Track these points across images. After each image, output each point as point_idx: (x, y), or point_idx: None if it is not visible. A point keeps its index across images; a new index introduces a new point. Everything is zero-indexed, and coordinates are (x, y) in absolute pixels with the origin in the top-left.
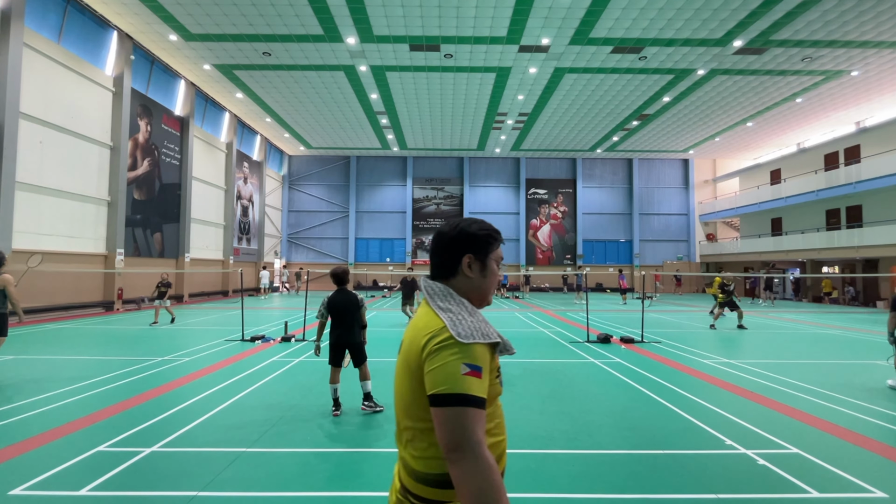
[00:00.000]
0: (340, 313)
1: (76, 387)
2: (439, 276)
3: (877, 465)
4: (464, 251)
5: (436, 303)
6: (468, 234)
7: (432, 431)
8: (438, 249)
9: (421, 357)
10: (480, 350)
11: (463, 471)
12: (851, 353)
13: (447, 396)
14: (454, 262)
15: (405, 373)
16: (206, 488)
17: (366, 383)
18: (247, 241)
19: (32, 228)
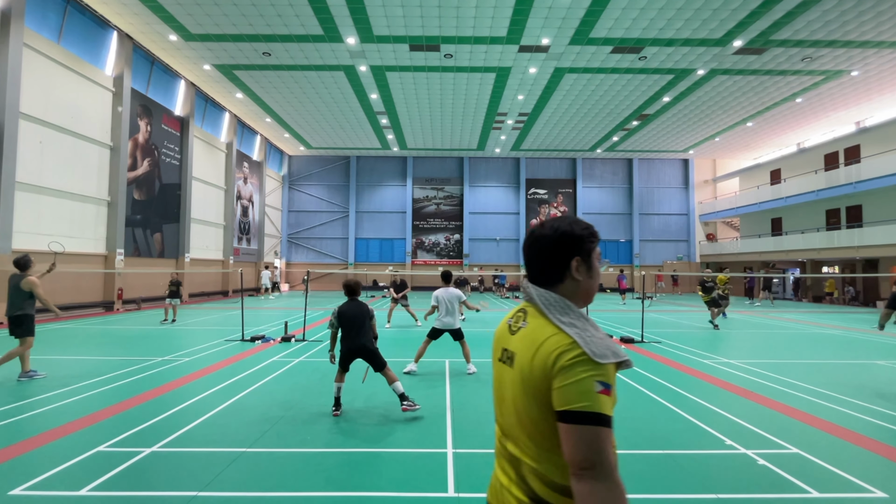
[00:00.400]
0: (351, 323)
1: (76, 387)
2: (545, 283)
3: (877, 465)
4: (571, 254)
5: (556, 316)
6: (573, 236)
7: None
8: (540, 254)
9: (549, 372)
10: (611, 369)
11: (593, 490)
12: (851, 353)
13: (582, 415)
14: (561, 266)
15: (525, 391)
16: (206, 488)
17: (396, 385)
18: (247, 241)
19: (32, 228)
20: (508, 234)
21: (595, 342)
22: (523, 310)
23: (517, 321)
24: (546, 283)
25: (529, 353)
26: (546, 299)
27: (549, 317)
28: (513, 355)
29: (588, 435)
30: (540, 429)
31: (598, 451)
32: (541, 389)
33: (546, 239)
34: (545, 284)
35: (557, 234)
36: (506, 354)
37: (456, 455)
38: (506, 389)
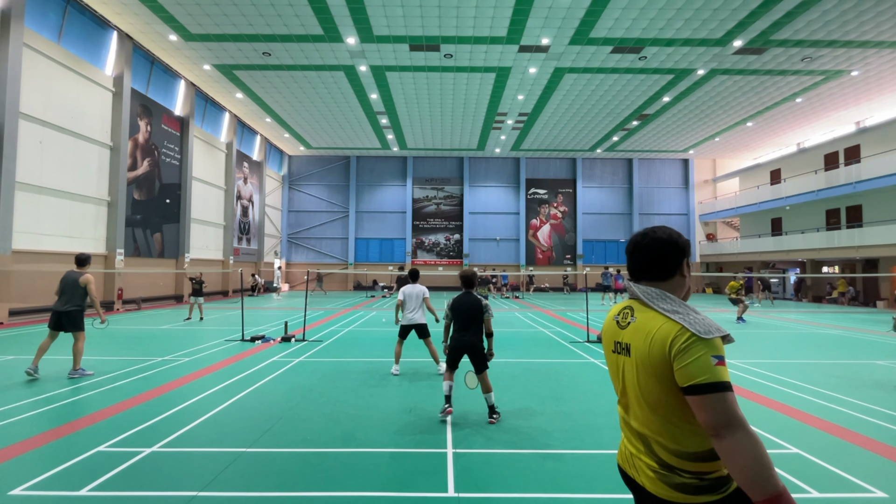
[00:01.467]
0: (462, 317)
1: (76, 387)
2: (654, 279)
3: (877, 465)
4: (683, 256)
5: (660, 306)
6: (684, 242)
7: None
8: (657, 256)
9: (668, 357)
10: (719, 342)
11: (736, 442)
12: (851, 352)
13: (707, 385)
14: (674, 266)
15: (646, 374)
16: (206, 488)
17: (489, 396)
18: (247, 241)
19: (32, 228)
20: (508, 234)
21: (699, 322)
22: (629, 307)
23: (625, 317)
24: (656, 279)
25: (645, 343)
26: (648, 293)
27: (654, 308)
28: (628, 346)
29: (717, 401)
30: (663, 405)
31: (727, 412)
32: (663, 372)
33: (664, 243)
34: (654, 281)
35: (673, 240)
36: (619, 346)
37: (456, 455)
38: (625, 375)
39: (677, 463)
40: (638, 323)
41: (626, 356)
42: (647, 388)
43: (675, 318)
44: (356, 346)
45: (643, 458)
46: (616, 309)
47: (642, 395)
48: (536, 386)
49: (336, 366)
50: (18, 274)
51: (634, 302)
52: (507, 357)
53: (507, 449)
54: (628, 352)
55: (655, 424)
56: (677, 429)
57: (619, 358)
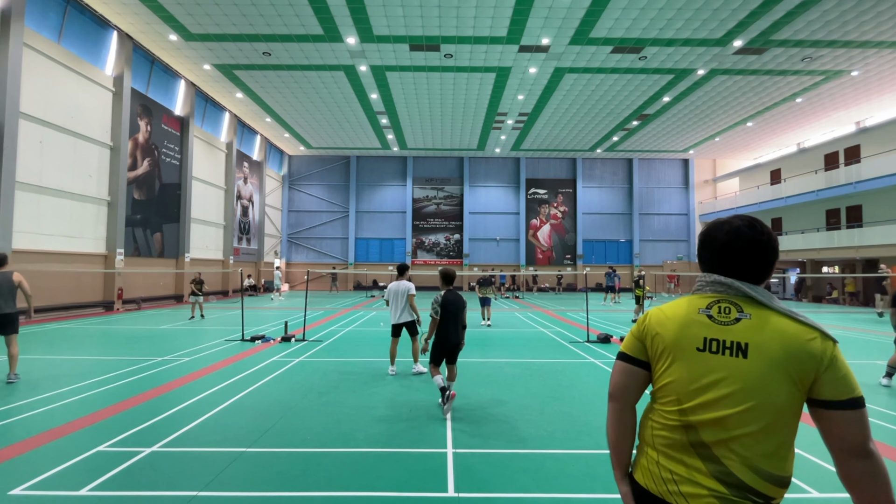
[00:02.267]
0: (453, 315)
1: (76, 387)
2: (753, 279)
3: None
4: (777, 257)
5: (777, 305)
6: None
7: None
8: (766, 254)
9: (819, 364)
10: None
11: (875, 465)
12: (851, 352)
13: (859, 400)
14: (771, 267)
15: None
16: (206, 488)
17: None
18: (247, 240)
19: (32, 228)
20: (508, 234)
21: (821, 325)
22: (729, 302)
23: (725, 312)
24: (754, 279)
25: (779, 344)
26: (762, 292)
27: (772, 306)
28: (744, 346)
29: (863, 417)
30: (785, 418)
31: (869, 432)
32: (802, 379)
33: (771, 244)
34: (750, 280)
35: (775, 241)
36: (719, 345)
37: (456, 455)
38: (732, 383)
39: (763, 487)
40: (757, 321)
41: (735, 357)
42: (776, 394)
43: (804, 320)
44: (356, 346)
45: (701, 481)
46: (695, 302)
47: (766, 404)
48: (536, 386)
49: (336, 366)
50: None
51: (735, 298)
52: (508, 357)
53: (508, 449)
54: (743, 352)
55: (762, 443)
56: (786, 449)
57: (714, 360)
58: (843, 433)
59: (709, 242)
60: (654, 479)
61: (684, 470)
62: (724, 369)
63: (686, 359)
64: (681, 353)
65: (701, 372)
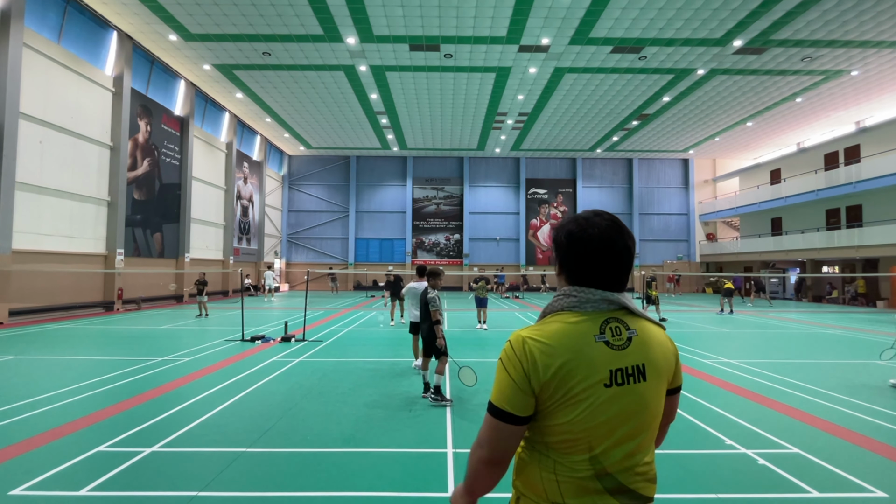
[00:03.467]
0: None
1: (76, 387)
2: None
3: (877, 464)
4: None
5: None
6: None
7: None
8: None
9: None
10: None
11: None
12: (851, 352)
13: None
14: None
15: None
16: (206, 488)
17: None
18: (247, 241)
19: (32, 228)
20: (508, 234)
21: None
22: (616, 321)
23: (616, 333)
24: (621, 288)
25: (661, 355)
26: (629, 301)
27: (642, 315)
28: (641, 367)
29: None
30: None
31: None
32: (668, 379)
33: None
34: (620, 289)
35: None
36: (623, 374)
37: (456, 455)
38: (642, 409)
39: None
40: (643, 337)
41: (637, 383)
42: (661, 402)
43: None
44: (356, 346)
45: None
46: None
47: (656, 415)
48: None
49: (336, 366)
50: (18, 274)
51: (617, 314)
52: None
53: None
54: (643, 375)
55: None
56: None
57: (623, 391)
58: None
59: (579, 246)
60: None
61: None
62: (632, 399)
63: (594, 397)
64: (585, 394)
65: (612, 410)
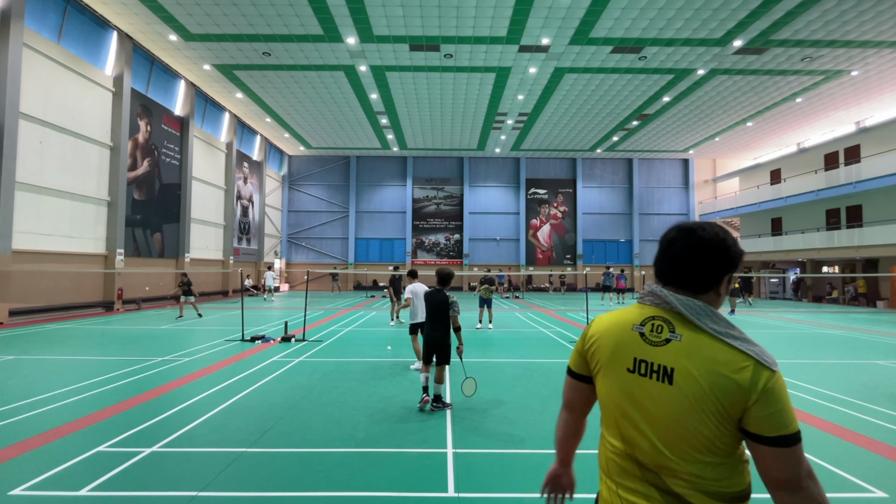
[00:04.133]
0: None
1: (76, 387)
2: (684, 288)
3: (877, 465)
4: (727, 269)
5: (711, 327)
6: (735, 253)
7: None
8: (699, 259)
9: (747, 396)
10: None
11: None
12: (852, 352)
13: (791, 437)
14: (714, 278)
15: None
16: (206, 488)
17: (437, 386)
18: (247, 241)
19: (32, 228)
20: (508, 234)
21: (762, 352)
22: (663, 320)
23: (657, 331)
24: (687, 289)
25: (705, 376)
26: (691, 307)
27: (704, 328)
28: (669, 372)
29: (797, 452)
30: (717, 446)
31: (803, 466)
32: (732, 413)
33: (710, 247)
34: (684, 290)
35: (722, 245)
36: (647, 367)
37: (456, 455)
38: (657, 407)
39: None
40: (685, 345)
41: (661, 382)
42: (700, 426)
43: (739, 346)
44: (356, 346)
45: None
46: (633, 315)
47: (692, 434)
48: (537, 386)
49: (336, 366)
50: (18, 274)
51: (670, 314)
52: (508, 357)
53: (508, 449)
54: (668, 378)
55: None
56: (731, 468)
57: (641, 382)
58: (770, 468)
59: (659, 248)
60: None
61: (644, 500)
62: (650, 395)
63: (618, 377)
64: (613, 371)
65: (631, 396)
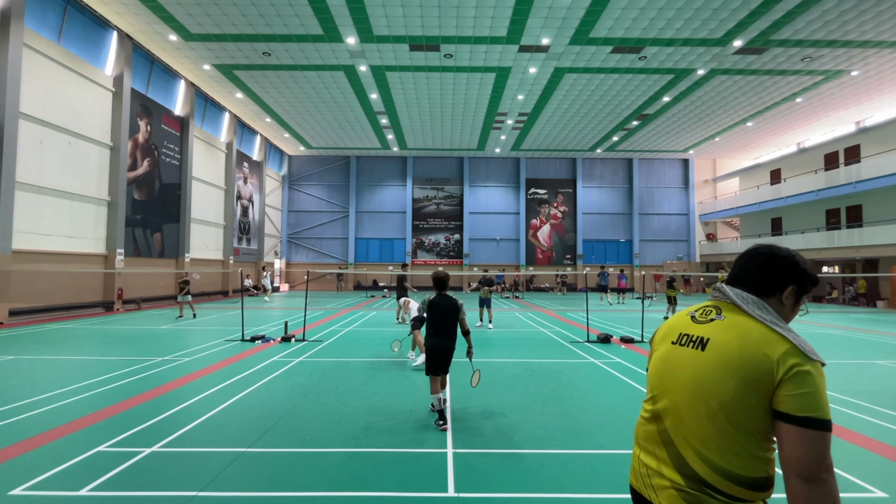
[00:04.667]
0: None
1: (76, 387)
2: (749, 289)
3: (877, 465)
4: (791, 279)
5: (756, 312)
6: (803, 271)
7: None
8: (767, 267)
9: (774, 373)
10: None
11: (818, 494)
12: (852, 352)
13: (820, 422)
14: (776, 284)
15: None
16: (206, 488)
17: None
18: (247, 241)
19: (32, 228)
20: (508, 234)
21: (804, 343)
22: (714, 307)
23: (706, 314)
24: (750, 289)
25: (736, 343)
26: (742, 297)
27: (749, 312)
28: (705, 341)
29: (819, 440)
30: (733, 414)
31: (825, 458)
32: (757, 384)
33: (777, 256)
34: (748, 290)
35: (790, 259)
36: (687, 338)
37: (456, 455)
38: (685, 370)
39: (718, 483)
40: (726, 322)
41: (695, 349)
42: (723, 389)
43: (779, 331)
44: (356, 345)
45: (665, 472)
46: (694, 307)
47: (712, 396)
48: (536, 386)
49: (336, 366)
50: (18, 274)
51: (722, 304)
52: (508, 357)
53: (507, 449)
54: (702, 346)
55: (711, 434)
56: (742, 447)
57: (679, 350)
58: (794, 450)
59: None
60: (638, 476)
61: (655, 462)
62: (684, 360)
63: (663, 351)
64: (660, 347)
65: (668, 362)
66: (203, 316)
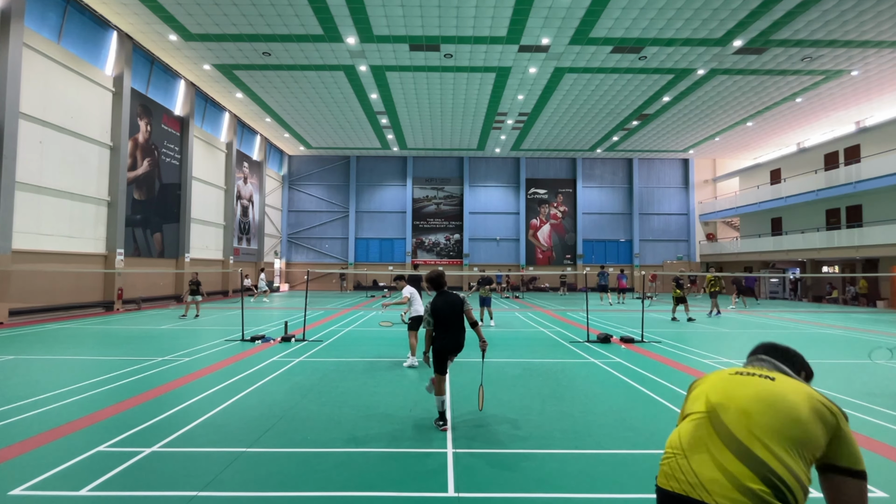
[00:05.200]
0: (449, 317)
1: (76, 387)
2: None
3: (877, 465)
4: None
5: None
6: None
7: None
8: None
9: (830, 426)
10: None
11: None
12: (852, 352)
13: (864, 473)
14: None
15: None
16: (206, 488)
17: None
18: (247, 241)
19: (32, 228)
20: (508, 234)
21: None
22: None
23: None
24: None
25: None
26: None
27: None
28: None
29: (863, 490)
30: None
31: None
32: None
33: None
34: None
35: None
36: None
37: (456, 455)
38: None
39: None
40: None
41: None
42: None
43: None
44: (356, 345)
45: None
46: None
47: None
48: (536, 386)
49: (336, 366)
50: (18, 274)
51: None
52: (508, 357)
53: (507, 449)
54: (770, 378)
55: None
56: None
57: (744, 377)
58: (840, 496)
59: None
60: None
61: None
62: (752, 381)
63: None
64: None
65: (731, 382)
66: (203, 316)
